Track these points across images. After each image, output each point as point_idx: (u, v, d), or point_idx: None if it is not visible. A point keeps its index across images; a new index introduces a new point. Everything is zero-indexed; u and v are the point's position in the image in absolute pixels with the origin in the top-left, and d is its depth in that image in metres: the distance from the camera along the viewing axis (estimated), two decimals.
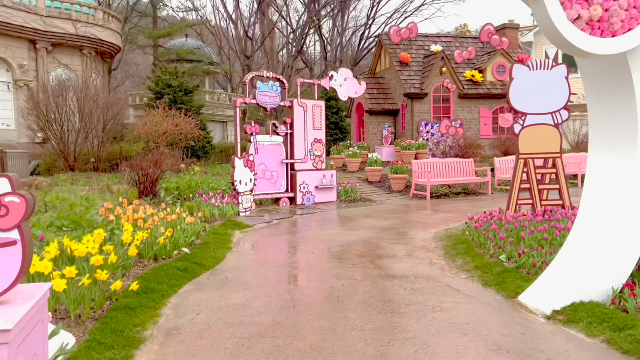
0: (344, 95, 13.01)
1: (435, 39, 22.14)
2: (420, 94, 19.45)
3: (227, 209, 9.66)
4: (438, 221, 9.46)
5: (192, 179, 11.11)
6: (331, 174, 12.68)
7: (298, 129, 12.16)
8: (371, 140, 20.78)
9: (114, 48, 26.85)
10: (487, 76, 20.68)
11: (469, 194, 14.10)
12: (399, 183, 14.55)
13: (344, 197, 13.13)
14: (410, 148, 18.42)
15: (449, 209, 11.19)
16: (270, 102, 11.68)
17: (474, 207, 11.34)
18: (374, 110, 20.53)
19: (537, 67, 7.47)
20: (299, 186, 12.09)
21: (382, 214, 10.66)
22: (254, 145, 11.42)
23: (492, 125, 20.56)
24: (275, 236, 8.36)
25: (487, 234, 6.75)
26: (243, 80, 11.39)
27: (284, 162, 11.96)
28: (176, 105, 19.29)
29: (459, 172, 14.25)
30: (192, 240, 6.94)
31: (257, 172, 11.41)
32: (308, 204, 12.25)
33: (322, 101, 12.70)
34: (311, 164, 12.41)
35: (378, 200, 13.20)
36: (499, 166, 14.79)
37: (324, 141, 12.68)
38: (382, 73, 22.10)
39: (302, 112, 12.22)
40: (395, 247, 7.26)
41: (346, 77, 13.04)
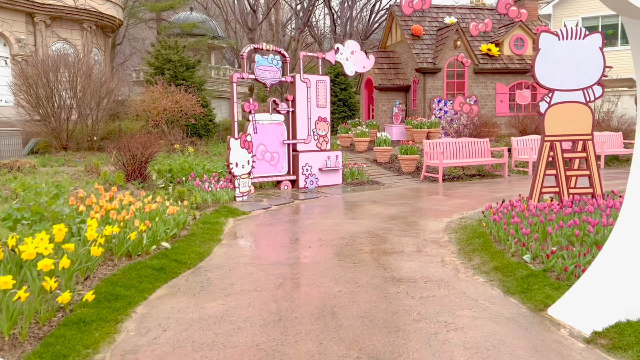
0: (351, 70, 12.09)
1: (450, 11, 20.94)
2: (433, 69, 18.41)
3: (221, 194, 8.91)
4: (451, 208, 8.64)
5: (186, 161, 10.36)
6: (336, 155, 11.86)
7: (301, 106, 11.30)
8: (381, 118, 19.85)
9: (115, 22, 25.93)
10: (504, 50, 19.53)
11: (484, 176, 13.21)
12: (409, 164, 13.70)
13: (350, 180, 12.33)
14: (422, 127, 17.49)
15: (462, 193, 10.35)
16: (270, 78, 10.81)
17: (490, 191, 10.49)
18: (384, 87, 19.55)
19: (567, 36, 6.53)
20: (301, 168, 11.30)
21: (390, 199, 9.86)
22: (253, 124, 10.60)
23: (508, 103, 19.49)
24: (272, 225, 7.61)
25: (507, 227, 5.93)
26: (240, 53, 10.52)
27: (286, 142, 11.15)
28: (177, 81, 18.45)
29: (473, 152, 13.35)
30: (175, 233, 6.20)
31: (255, 154, 10.62)
32: (311, 187, 11.47)
33: (327, 76, 11.80)
34: (315, 144, 11.59)
35: (387, 183, 12.37)
36: (516, 146, 13.86)
37: (329, 120, 11.83)
38: (393, 47, 21.01)
39: (305, 89, 11.34)
40: (403, 240, 6.47)
41: (353, 50, 12.09)
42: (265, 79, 10.75)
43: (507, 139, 17.27)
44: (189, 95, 17.16)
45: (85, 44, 24.64)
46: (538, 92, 19.65)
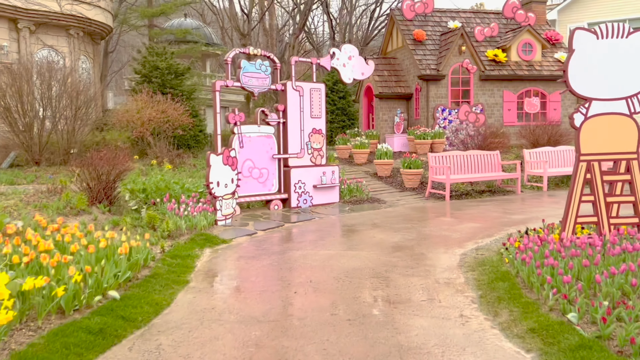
0: (349, 77, 10.98)
1: (454, 15, 19.88)
2: (437, 75, 17.31)
3: (198, 219, 7.76)
4: (463, 235, 7.48)
5: (162, 178, 9.22)
6: (332, 171, 10.72)
7: (293, 117, 10.18)
8: (381, 127, 18.73)
9: (104, 28, 24.92)
10: (511, 56, 18.44)
11: (495, 192, 12.05)
12: (413, 179, 12.55)
13: (349, 197, 11.18)
14: (425, 137, 16.36)
15: (473, 214, 9.19)
16: (258, 86, 9.70)
17: (504, 212, 9.33)
18: (384, 95, 18.45)
19: (607, 34, 5.41)
20: (293, 186, 10.16)
21: (392, 222, 8.70)
22: (239, 137, 9.48)
23: (516, 111, 18.38)
24: (254, 259, 6.45)
25: (541, 270, 4.76)
26: (225, 58, 9.41)
27: (276, 157, 10.02)
28: (165, 89, 17.37)
29: (483, 166, 12.20)
30: (130, 276, 5.04)
31: (241, 171, 9.48)
32: (305, 206, 10.33)
33: (322, 84, 10.69)
34: (309, 159, 10.46)
35: (388, 201, 11.22)
36: (529, 159, 12.72)
37: (325, 132, 10.70)
38: (393, 53, 19.94)
39: (297, 97, 10.23)
40: (410, 281, 5.31)
41: (351, 55, 10.99)
42: (253, 86, 9.63)
43: (516, 150, 16.15)
44: (176, 105, 16.06)
45: (72, 51, 23.59)
46: (547, 100, 18.57)
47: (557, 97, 18.65)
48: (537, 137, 14.32)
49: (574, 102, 18.86)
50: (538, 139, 14.30)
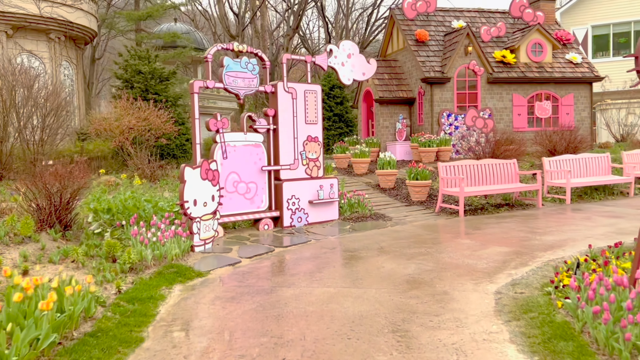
0: (348, 78, 9.69)
1: (457, 14, 18.68)
2: (442, 78, 16.06)
3: (169, 247, 6.40)
4: (491, 264, 6.15)
5: (132, 196, 7.86)
6: (331, 184, 9.39)
7: (284, 123, 8.87)
8: (382, 135, 17.44)
9: (88, 32, 23.60)
10: (520, 57, 17.23)
11: (513, 206, 10.74)
12: (420, 192, 11.24)
13: (349, 214, 9.85)
14: (430, 145, 15.08)
15: (496, 235, 7.86)
16: (244, 87, 8.39)
17: (531, 231, 8.00)
18: (385, 99, 17.18)
19: None
20: (286, 202, 8.82)
21: (402, 245, 7.36)
22: (221, 147, 8.15)
23: (527, 116, 17.14)
24: (234, 302, 5.10)
25: (630, 334, 3.43)
26: (204, 55, 8.10)
27: (265, 169, 8.68)
28: (148, 95, 16.05)
29: (499, 177, 10.90)
30: (55, 341, 3.67)
31: (225, 186, 8.14)
32: (299, 225, 8.98)
33: (317, 85, 9.39)
34: (303, 170, 9.13)
35: (394, 217, 9.89)
36: (548, 169, 11.42)
37: (321, 139, 9.39)
38: (394, 55, 18.70)
39: (289, 100, 8.92)
40: (436, 338, 3.98)
41: (350, 52, 9.71)
42: (238, 88, 8.32)
43: (528, 158, 14.88)
44: (159, 112, 14.73)
45: (53, 57, 22.27)
46: (560, 104, 17.33)
47: (570, 100, 17.42)
48: (555, 144, 13.04)
49: (587, 106, 17.66)
50: (555, 146, 13.02)
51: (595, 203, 10.85)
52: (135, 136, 14.30)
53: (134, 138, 14.33)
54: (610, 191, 11.85)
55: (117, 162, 15.61)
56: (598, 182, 11.26)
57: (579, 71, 17.38)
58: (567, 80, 17.17)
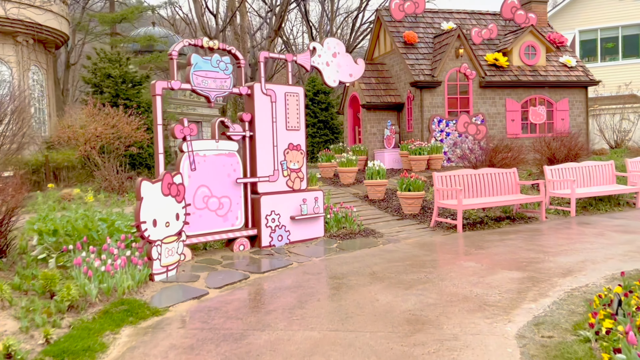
0: (334, 80, 8.73)
1: (447, 16, 17.89)
2: (432, 82, 15.21)
3: (120, 278, 5.32)
4: (504, 294, 5.19)
5: (84, 214, 6.76)
6: (315, 197, 8.39)
7: (262, 129, 7.86)
8: (369, 142, 16.51)
9: (59, 35, 22.37)
10: (513, 60, 16.47)
11: (514, 220, 9.83)
12: (413, 204, 10.29)
13: (336, 230, 8.85)
14: (421, 152, 14.17)
15: (503, 255, 6.91)
16: (215, 88, 7.36)
17: (541, 250, 7.07)
18: (372, 105, 16.27)
19: None
20: (264, 218, 7.79)
21: (398, 269, 6.37)
22: (189, 157, 7.10)
23: (521, 122, 16.34)
24: (191, 353, 4.05)
25: None
26: (169, 52, 7.08)
27: (240, 181, 7.65)
28: (119, 100, 14.93)
29: (499, 187, 10.00)
30: None
31: (192, 202, 7.09)
32: (279, 244, 7.95)
33: (300, 88, 8.40)
34: (284, 182, 8.12)
35: (385, 233, 8.91)
36: (551, 178, 10.55)
37: (304, 148, 8.39)
38: (381, 58, 17.83)
39: (268, 104, 7.92)
40: None
41: (336, 51, 8.75)
42: (208, 89, 7.29)
43: (524, 166, 14.03)
44: (130, 118, 13.63)
45: (20, 61, 21.01)
46: (554, 109, 16.59)
47: (565, 105, 16.69)
48: (554, 151, 12.20)
49: (582, 111, 16.94)
50: (555, 154, 12.18)
51: (602, 215, 10.00)
52: (104, 145, 13.19)
53: (101, 147, 13.21)
54: (615, 202, 11.03)
55: (86, 172, 14.47)
56: (604, 193, 10.43)
57: (573, 75, 16.67)
58: (562, 85, 16.44)
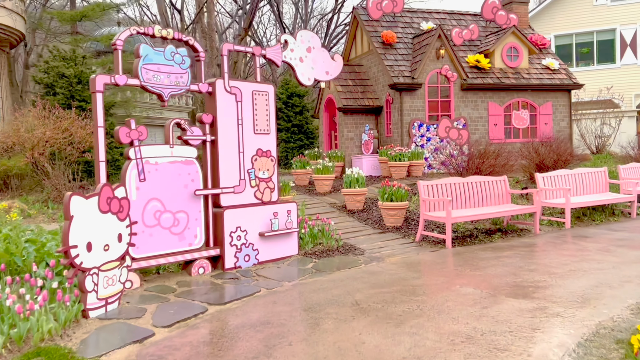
0: (308, 77, 7.74)
1: (426, 16, 17.15)
2: (412, 84, 14.38)
3: (36, 322, 4.19)
4: (516, 331, 4.25)
5: (7, 235, 5.59)
6: (288, 210, 7.37)
7: (226, 132, 6.81)
8: (346, 147, 15.58)
9: (13, 34, 20.81)
10: (495, 62, 15.79)
11: (506, 233, 8.99)
12: (396, 215, 9.36)
13: (311, 247, 7.84)
14: (401, 158, 13.29)
15: (503, 277, 6.00)
16: (169, 85, 6.29)
17: (546, 271, 6.20)
18: (349, 108, 15.35)
19: None
20: (229, 236, 6.73)
21: (385, 298, 5.39)
22: (137, 164, 6.01)
23: (504, 126, 15.66)
24: None
25: None
26: (112, 42, 5.99)
27: (200, 193, 6.57)
28: (74, 102, 13.65)
29: (489, 197, 9.16)
30: None
31: (140, 219, 5.99)
32: (247, 265, 6.90)
33: (269, 85, 7.38)
34: (252, 194, 7.07)
35: (367, 249, 7.95)
36: (543, 186, 9.77)
37: (275, 154, 7.37)
38: (358, 59, 16.95)
39: (233, 104, 6.88)
40: None
41: (310, 46, 7.77)
42: (160, 86, 6.21)
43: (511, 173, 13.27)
44: (84, 122, 12.38)
45: None
46: (537, 112, 15.97)
47: (548, 109, 16.09)
48: (543, 158, 11.46)
49: (566, 116, 16.37)
50: (544, 160, 11.44)
51: (599, 227, 9.24)
52: (55, 151, 11.90)
53: (52, 153, 11.93)
54: (609, 211, 10.32)
55: (36, 181, 13.12)
56: (601, 202, 9.68)
57: (556, 78, 16.09)
58: (545, 88, 15.84)
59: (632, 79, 27.76)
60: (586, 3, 29.78)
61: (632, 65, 28.49)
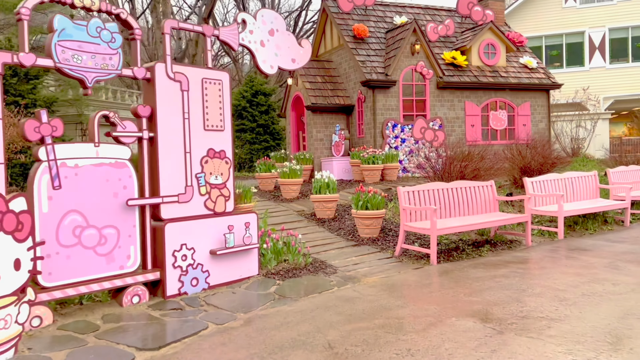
0: (270, 65, 6.57)
1: (400, 10, 16.21)
2: (385, 81, 13.37)
3: None
4: None
5: None
6: (246, 223, 6.16)
7: (168, 128, 5.55)
8: (315, 149, 14.46)
9: None
10: (472, 59, 14.96)
11: (495, 245, 8.01)
12: (372, 225, 8.27)
13: (275, 264, 6.65)
14: (375, 161, 12.26)
15: (506, 304, 4.94)
16: (93, 68, 5.00)
17: (553, 295, 5.18)
18: (318, 107, 14.23)
19: None
20: (171, 255, 5.47)
21: (366, 338, 4.25)
22: (50, 168, 4.71)
23: (481, 127, 14.83)
24: None
25: None
26: (15, 11, 4.67)
27: (133, 203, 5.29)
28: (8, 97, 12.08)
29: (475, 204, 8.16)
30: None
31: (55, 237, 4.69)
32: (194, 291, 5.65)
33: (224, 72, 6.17)
34: (201, 203, 5.83)
35: (340, 266, 6.81)
36: (532, 192, 8.85)
37: (231, 155, 6.16)
38: (328, 55, 15.87)
39: (177, 94, 5.63)
40: None
41: (273, 28, 6.60)
42: (82, 69, 4.92)
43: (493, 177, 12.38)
44: (17, 119, 10.83)
45: None
46: (515, 113, 15.21)
47: (526, 110, 15.36)
48: (529, 162, 10.58)
49: (545, 117, 15.68)
50: (530, 164, 10.56)
51: (595, 238, 8.36)
52: None
53: None
54: (601, 219, 9.50)
55: None
56: (594, 209, 8.83)
57: (535, 77, 15.38)
58: (524, 87, 15.10)
59: (601, 82, 27.62)
60: (555, 5, 29.60)
61: (600, 69, 28.41)
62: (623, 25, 28.25)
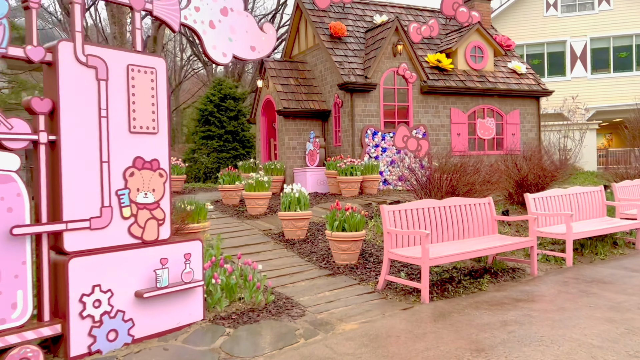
0: (223, 52, 5.20)
1: (380, 9, 15.03)
2: (365, 84, 12.12)
3: None
4: None
5: None
6: (186, 254, 4.73)
7: (77, 129, 4.12)
8: (288, 158, 13.08)
9: None
10: (458, 63, 13.84)
11: (495, 275, 6.73)
12: (349, 250, 6.93)
13: (226, 306, 5.22)
14: (353, 172, 10.96)
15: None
16: None
17: (587, 351, 3.90)
18: (291, 112, 12.88)
19: None
20: (78, 301, 4.03)
21: None
22: None
23: (467, 136, 13.69)
24: None
25: None
26: None
27: (21, 232, 3.82)
28: None
29: (471, 226, 6.88)
30: None
31: None
32: (111, 348, 4.20)
33: (160, 58, 4.76)
34: (125, 229, 4.39)
35: (310, 306, 5.43)
36: (535, 211, 7.63)
37: (167, 165, 4.74)
38: (302, 56, 14.57)
39: (91, 84, 4.21)
40: None
41: (228, 6, 5.24)
42: None
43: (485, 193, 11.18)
44: None
45: None
46: (504, 122, 14.12)
47: (516, 118, 14.29)
48: (525, 175, 9.39)
49: (535, 125, 14.63)
50: (526, 178, 9.37)
51: (608, 264, 7.17)
52: None
53: None
54: (611, 241, 8.34)
55: None
56: (606, 230, 7.66)
57: (524, 83, 14.34)
58: (513, 94, 14.04)
59: (583, 92, 26.96)
60: (536, 14, 29.03)
61: (582, 79, 27.80)
62: (604, 35, 27.75)
